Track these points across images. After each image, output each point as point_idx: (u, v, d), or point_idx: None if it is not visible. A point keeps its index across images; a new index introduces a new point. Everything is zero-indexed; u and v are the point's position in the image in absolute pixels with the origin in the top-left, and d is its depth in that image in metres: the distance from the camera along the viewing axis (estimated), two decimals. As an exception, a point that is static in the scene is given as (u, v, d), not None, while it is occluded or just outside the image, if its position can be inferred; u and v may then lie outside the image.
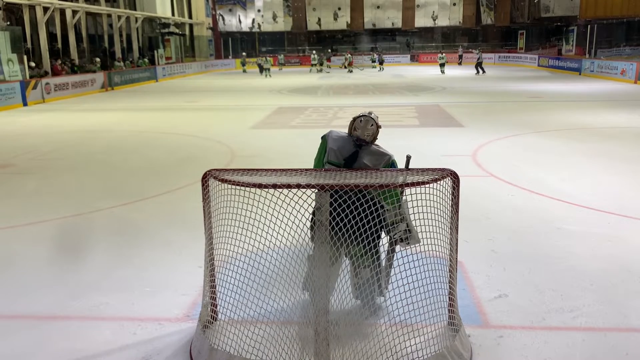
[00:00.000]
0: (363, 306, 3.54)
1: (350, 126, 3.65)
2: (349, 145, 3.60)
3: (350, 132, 3.65)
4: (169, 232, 5.66)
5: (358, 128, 3.58)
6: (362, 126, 3.57)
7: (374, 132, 3.60)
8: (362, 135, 3.58)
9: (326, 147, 3.67)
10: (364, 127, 3.57)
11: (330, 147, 3.63)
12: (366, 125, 3.57)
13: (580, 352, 3.32)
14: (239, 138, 11.32)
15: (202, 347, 3.28)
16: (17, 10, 22.52)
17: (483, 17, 43.98)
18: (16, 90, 18.34)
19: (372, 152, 3.59)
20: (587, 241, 5.14)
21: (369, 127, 3.57)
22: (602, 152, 9.20)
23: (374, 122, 3.61)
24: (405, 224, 3.41)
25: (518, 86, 22.51)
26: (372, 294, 3.51)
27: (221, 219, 3.23)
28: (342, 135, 3.68)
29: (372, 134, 3.60)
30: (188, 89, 25.62)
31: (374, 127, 3.59)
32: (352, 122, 3.65)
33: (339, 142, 3.63)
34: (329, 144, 3.65)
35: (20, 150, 10.45)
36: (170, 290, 4.25)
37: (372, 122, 3.59)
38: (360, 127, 3.57)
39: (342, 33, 46.38)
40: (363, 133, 3.57)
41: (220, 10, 44.77)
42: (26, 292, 4.31)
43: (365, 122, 3.58)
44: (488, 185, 7.23)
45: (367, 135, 3.58)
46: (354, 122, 3.62)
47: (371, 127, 3.58)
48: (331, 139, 3.66)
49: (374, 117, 3.64)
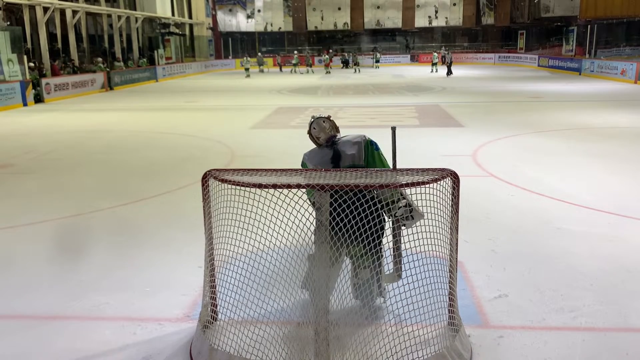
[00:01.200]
0: (362, 306, 3.54)
1: (313, 139, 3.73)
2: (326, 151, 3.65)
3: (316, 143, 3.72)
4: (169, 232, 5.66)
5: (319, 134, 3.67)
6: (319, 130, 3.66)
7: (330, 124, 3.68)
8: (327, 135, 3.65)
9: None
10: (320, 128, 3.66)
11: (315, 165, 3.65)
12: (320, 125, 3.66)
13: (580, 352, 3.32)
14: (239, 138, 11.32)
15: (202, 347, 3.28)
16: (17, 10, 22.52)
17: (483, 17, 43.97)
18: (16, 90, 18.34)
19: (348, 142, 3.64)
20: (587, 241, 5.14)
21: (323, 124, 3.66)
22: (602, 152, 9.20)
23: (323, 118, 3.69)
24: (405, 201, 3.43)
25: (518, 86, 22.51)
26: (372, 294, 3.51)
27: (221, 219, 3.23)
28: (314, 149, 3.74)
29: (331, 126, 3.68)
30: (188, 89, 25.62)
31: (327, 122, 3.68)
32: (310, 136, 3.73)
33: (317, 156, 3.67)
34: (310, 165, 3.68)
35: (20, 150, 10.45)
36: (170, 290, 4.25)
37: (322, 120, 3.68)
38: (319, 132, 3.66)
39: (342, 33, 46.38)
40: (325, 132, 3.65)
41: (220, 11, 44.77)
42: (26, 292, 4.31)
43: (317, 124, 3.67)
44: (488, 185, 7.23)
45: (329, 131, 3.65)
46: (311, 133, 3.71)
47: (325, 123, 3.67)
48: (309, 160, 3.70)
49: (317, 115, 3.74)
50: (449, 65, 29.59)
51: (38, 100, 19.34)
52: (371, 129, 11.78)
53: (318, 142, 3.70)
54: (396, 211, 3.45)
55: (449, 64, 29.58)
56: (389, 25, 45.16)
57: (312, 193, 3.52)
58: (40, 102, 19.35)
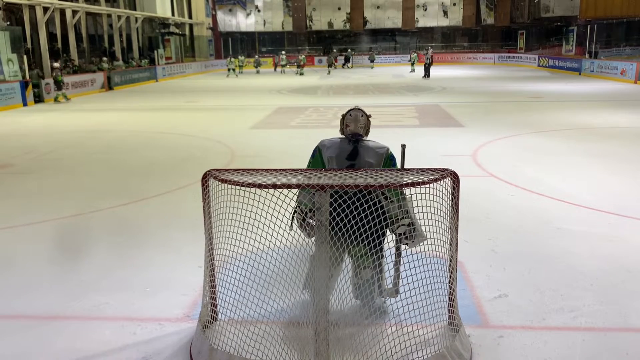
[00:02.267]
0: (362, 306, 3.54)
1: (342, 124, 3.67)
2: (345, 145, 3.60)
3: (342, 130, 3.67)
4: (169, 232, 5.66)
5: (350, 123, 3.60)
6: (353, 120, 3.60)
7: (365, 123, 3.64)
8: (356, 129, 3.59)
9: (322, 159, 3.64)
10: (355, 120, 3.60)
11: (329, 156, 3.60)
12: (357, 118, 3.60)
13: (580, 352, 3.32)
14: (239, 138, 11.32)
15: (202, 347, 3.28)
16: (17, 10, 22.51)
17: (483, 17, 43.97)
18: (16, 90, 18.34)
19: (371, 148, 3.60)
20: (587, 241, 5.14)
21: (360, 118, 3.61)
22: (602, 152, 9.20)
23: (363, 112, 3.65)
24: (409, 219, 3.41)
25: (518, 86, 22.51)
26: (372, 294, 3.51)
27: (221, 219, 3.22)
28: (334, 139, 3.68)
29: (365, 125, 3.63)
30: (188, 89, 25.62)
31: (364, 118, 3.63)
32: (342, 119, 3.67)
33: (335, 147, 3.61)
34: (325, 155, 3.63)
35: (20, 150, 10.44)
36: (170, 290, 4.24)
37: (361, 114, 3.63)
38: (352, 121, 3.60)
39: (342, 33, 46.39)
40: (356, 126, 3.59)
41: (220, 10, 44.77)
42: (26, 292, 4.31)
43: (355, 115, 3.61)
44: (488, 185, 7.23)
45: (361, 127, 3.60)
46: (344, 119, 3.65)
47: (362, 119, 3.62)
48: (326, 149, 3.64)
49: (361, 108, 3.68)
50: (427, 67, 28.17)
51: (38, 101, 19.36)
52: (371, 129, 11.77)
53: (344, 131, 3.64)
54: (398, 228, 3.44)
55: (428, 65, 28.14)
56: (389, 25, 45.15)
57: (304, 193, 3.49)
58: (40, 102, 19.35)
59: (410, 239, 3.44)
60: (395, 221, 3.43)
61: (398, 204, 3.39)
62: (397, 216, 3.41)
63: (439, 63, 41.50)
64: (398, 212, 3.40)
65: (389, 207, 3.38)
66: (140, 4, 32.74)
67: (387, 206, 3.37)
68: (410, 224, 3.41)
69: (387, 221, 3.36)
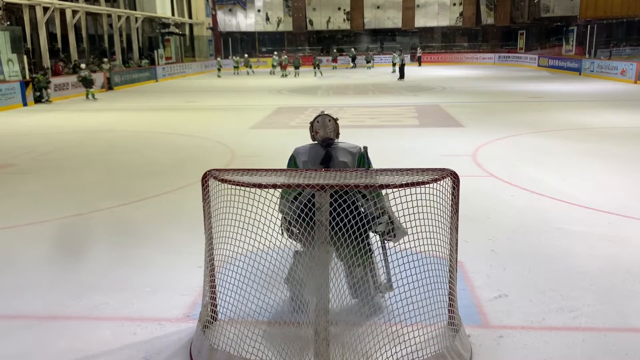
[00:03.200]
0: (362, 305, 3.54)
1: (311, 132, 3.72)
2: (319, 150, 3.63)
3: (313, 137, 3.71)
4: (169, 232, 5.66)
5: (319, 129, 3.66)
6: (321, 126, 3.65)
7: (334, 126, 3.68)
8: (326, 134, 3.64)
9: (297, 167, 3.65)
10: (323, 126, 3.65)
11: (303, 162, 3.63)
12: (325, 123, 3.65)
13: (580, 352, 3.32)
14: (239, 138, 11.32)
15: (202, 347, 3.28)
16: (17, 10, 22.51)
17: (483, 17, 43.97)
18: (16, 90, 18.34)
19: (344, 149, 3.64)
20: (587, 241, 5.14)
21: (328, 123, 3.66)
22: (602, 152, 9.20)
23: (330, 117, 3.69)
24: (387, 216, 3.43)
25: (518, 86, 22.51)
26: (368, 290, 3.51)
27: (221, 219, 3.22)
28: (307, 145, 3.72)
29: (334, 129, 3.68)
30: (188, 89, 25.62)
31: (332, 122, 3.68)
32: (311, 127, 3.72)
33: (308, 153, 3.65)
34: (299, 161, 3.66)
35: (20, 150, 10.45)
36: (170, 290, 4.24)
37: (329, 118, 3.67)
38: (320, 127, 3.65)
39: (342, 33, 46.39)
40: (326, 131, 3.64)
41: (220, 10, 44.77)
42: (26, 292, 4.31)
43: (322, 120, 3.66)
44: (488, 185, 7.23)
45: (330, 132, 3.64)
46: (313, 126, 3.69)
47: (330, 123, 3.66)
48: (299, 156, 3.68)
49: (328, 113, 3.72)
50: (401, 68, 27.68)
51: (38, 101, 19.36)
52: (371, 129, 11.80)
53: (314, 137, 3.71)
54: (377, 227, 3.46)
55: (401, 67, 27.63)
56: (389, 25, 45.15)
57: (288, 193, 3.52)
58: (41, 103, 19.35)
59: (391, 235, 3.47)
60: (372, 219, 3.45)
61: (373, 201, 3.42)
62: (374, 214, 3.44)
63: (439, 63, 41.57)
64: (374, 210, 3.43)
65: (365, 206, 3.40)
66: (140, 4, 32.74)
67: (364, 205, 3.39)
68: (389, 221, 3.43)
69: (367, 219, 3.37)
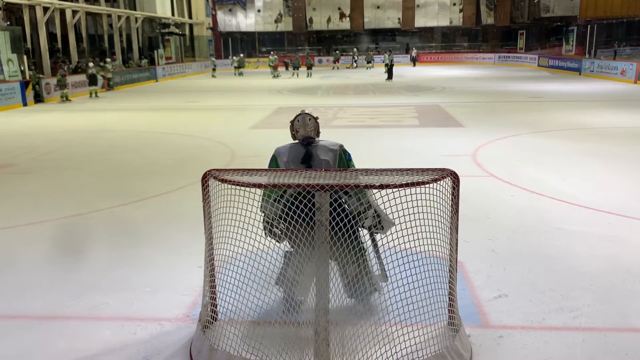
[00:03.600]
0: (357, 303, 3.54)
1: (292, 131, 3.74)
2: (299, 149, 3.65)
3: (294, 136, 3.73)
4: (169, 232, 5.66)
5: (299, 128, 3.68)
6: (301, 125, 3.67)
7: (314, 125, 3.70)
8: (306, 133, 3.66)
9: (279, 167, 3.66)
10: (303, 124, 3.67)
11: (285, 162, 3.64)
12: (305, 122, 3.67)
13: (580, 352, 3.32)
14: (239, 138, 11.32)
15: (202, 347, 3.28)
16: (17, 10, 22.52)
17: (483, 17, 43.97)
18: (16, 90, 18.34)
19: (324, 147, 3.66)
20: (587, 241, 5.14)
21: (308, 122, 3.68)
22: (602, 152, 9.20)
23: (311, 116, 3.71)
24: (373, 210, 3.44)
25: (518, 86, 22.51)
26: (363, 287, 3.51)
27: (221, 219, 3.22)
28: (287, 145, 3.74)
29: (314, 127, 3.70)
30: (188, 89, 25.62)
31: (312, 121, 3.70)
32: (291, 126, 3.73)
33: (289, 152, 3.67)
34: (281, 160, 3.66)
35: (20, 150, 10.45)
36: (170, 290, 4.25)
37: (308, 117, 3.69)
38: (301, 126, 3.67)
39: (342, 33, 46.38)
40: (306, 130, 3.66)
41: (220, 10, 44.76)
42: (26, 292, 4.31)
43: (302, 119, 3.68)
44: (488, 185, 7.23)
45: (310, 130, 3.67)
46: (293, 125, 3.71)
47: (310, 122, 3.68)
48: (280, 155, 3.69)
49: (307, 112, 3.74)
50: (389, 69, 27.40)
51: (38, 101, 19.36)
52: (371, 129, 11.80)
53: (295, 136, 3.73)
54: (364, 221, 3.47)
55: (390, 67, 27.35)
56: (389, 25, 45.14)
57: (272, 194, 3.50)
58: (40, 102, 19.36)
59: (379, 228, 3.47)
60: (358, 215, 3.46)
61: (357, 197, 3.43)
62: (359, 209, 3.45)
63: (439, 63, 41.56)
64: (359, 206, 3.44)
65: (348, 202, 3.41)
66: (140, 4, 32.74)
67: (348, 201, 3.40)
68: (374, 215, 3.44)
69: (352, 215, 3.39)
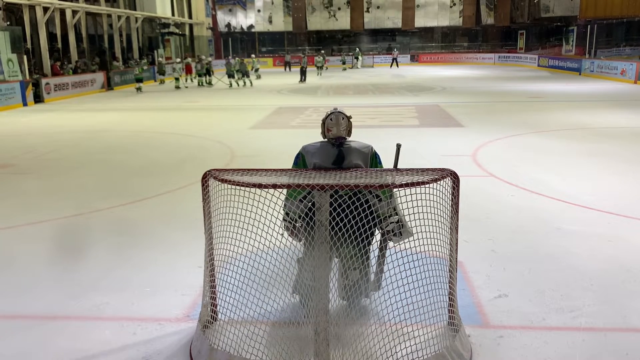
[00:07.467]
0: (348, 306, 3.53)
1: (323, 128, 3.62)
2: (330, 150, 3.54)
3: (324, 135, 3.62)
4: (169, 232, 5.65)
5: (332, 127, 3.54)
6: (334, 124, 3.54)
7: (347, 124, 3.59)
8: (339, 132, 3.54)
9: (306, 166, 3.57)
10: (336, 123, 3.54)
11: (314, 163, 3.54)
12: (339, 121, 3.54)
13: (580, 352, 3.32)
14: (239, 138, 11.32)
15: (202, 347, 3.28)
16: (17, 10, 22.50)
17: (483, 17, 43.96)
18: (16, 90, 18.34)
19: (356, 149, 3.57)
20: (587, 241, 5.14)
21: (342, 121, 3.55)
22: (602, 152, 9.20)
23: (344, 114, 3.59)
24: (397, 217, 3.42)
25: (518, 86, 22.51)
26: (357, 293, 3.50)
27: (221, 219, 3.22)
28: (317, 144, 3.62)
29: (347, 127, 3.58)
30: (188, 88, 25.60)
31: (345, 120, 3.58)
32: (322, 124, 3.62)
33: (320, 153, 3.55)
34: (310, 161, 3.56)
35: (20, 150, 10.44)
36: (170, 290, 4.25)
37: (342, 116, 3.57)
38: (334, 125, 3.54)
39: (342, 33, 46.38)
40: (339, 129, 3.54)
41: (220, 11, 44.74)
42: (26, 292, 4.31)
43: (336, 118, 3.55)
44: (488, 185, 7.23)
45: (343, 130, 3.55)
46: (325, 124, 3.58)
47: (343, 121, 3.56)
48: (310, 155, 3.58)
49: (341, 110, 3.63)
50: (303, 70, 27.90)
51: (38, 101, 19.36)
52: (371, 129, 11.79)
53: (326, 135, 3.60)
54: (387, 225, 3.44)
55: (304, 69, 27.88)
56: (389, 25, 45.13)
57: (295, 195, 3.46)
58: (40, 102, 19.35)
59: (397, 235, 3.44)
60: (384, 219, 3.44)
61: (387, 201, 3.40)
62: (386, 214, 3.43)
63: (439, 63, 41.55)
64: (386, 210, 3.42)
65: (377, 206, 3.40)
66: (140, 4, 32.72)
67: (376, 205, 3.39)
68: (398, 220, 3.42)
69: (375, 220, 3.37)
